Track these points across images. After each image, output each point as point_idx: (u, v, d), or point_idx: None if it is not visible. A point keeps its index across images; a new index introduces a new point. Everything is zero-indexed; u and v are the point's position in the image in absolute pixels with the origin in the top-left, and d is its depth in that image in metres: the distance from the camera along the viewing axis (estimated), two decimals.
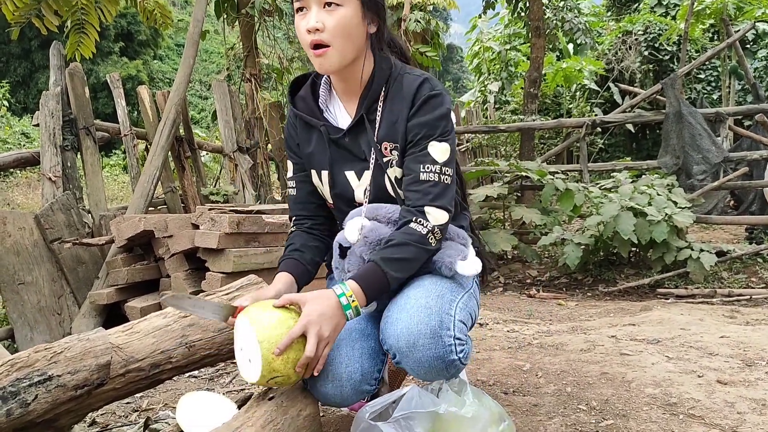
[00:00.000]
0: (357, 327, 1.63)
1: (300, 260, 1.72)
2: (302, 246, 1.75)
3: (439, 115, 1.60)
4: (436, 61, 6.80)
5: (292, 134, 1.80)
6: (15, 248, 3.63)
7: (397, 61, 1.70)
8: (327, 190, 1.74)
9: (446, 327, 1.49)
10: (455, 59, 40.76)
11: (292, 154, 1.81)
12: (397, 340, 1.49)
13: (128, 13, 21.57)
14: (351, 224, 1.62)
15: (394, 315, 1.53)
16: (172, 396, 2.49)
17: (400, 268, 1.52)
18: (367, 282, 1.49)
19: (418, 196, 1.58)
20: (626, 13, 16.69)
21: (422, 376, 1.55)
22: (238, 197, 5.09)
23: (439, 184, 1.58)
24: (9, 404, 1.22)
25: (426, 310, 1.49)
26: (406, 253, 1.53)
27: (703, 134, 6.15)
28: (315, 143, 1.74)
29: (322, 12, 1.53)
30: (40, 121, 4.07)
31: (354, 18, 1.56)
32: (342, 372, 1.54)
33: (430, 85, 1.62)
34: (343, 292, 1.46)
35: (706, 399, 2.13)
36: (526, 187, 6.68)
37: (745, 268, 5.35)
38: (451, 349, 1.49)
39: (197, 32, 4.53)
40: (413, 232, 1.54)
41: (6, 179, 12.78)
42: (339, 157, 1.70)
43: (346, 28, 1.55)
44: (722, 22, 9.45)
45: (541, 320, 3.93)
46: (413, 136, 1.61)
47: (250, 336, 1.40)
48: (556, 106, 15.14)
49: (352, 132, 1.68)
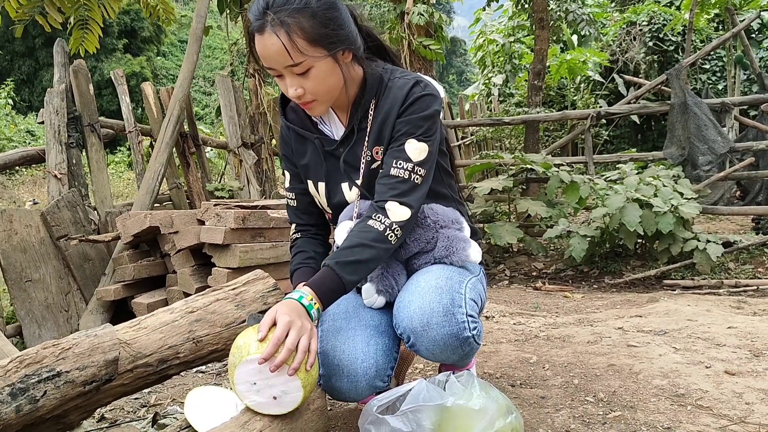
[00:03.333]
0: (372, 323, 1.63)
1: (315, 268, 1.71)
2: (314, 254, 1.77)
3: (424, 115, 1.60)
4: (440, 54, 6.77)
5: (287, 144, 1.80)
6: (22, 246, 3.64)
7: (387, 66, 1.69)
8: (324, 201, 1.75)
9: (458, 305, 1.52)
10: (459, 52, 40.67)
11: (289, 165, 1.82)
12: (411, 321, 1.51)
13: (131, 10, 21.59)
14: (340, 228, 1.65)
15: (406, 298, 1.55)
16: (179, 391, 2.50)
17: (354, 271, 1.50)
18: (321, 288, 1.47)
19: (383, 190, 1.58)
20: (630, 4, 16.60)
21: (437, 356, 1.56)
22: (243, 193, 5.09)
23: (408, 181, 1.57)
24: (18, 400, 1.22)
25: (437, 290, 1.52)
26: (362, 254, 1.51)
27: (708, 125, 6.12)
28: (310, 155, 1.74)
29: (295, 78, 1.51)
30: (45, 119, 4.08)
31: (328, 69, 1.53)
32: (357, 368, 1.55)
33: (421, 86, 1.62)
34: (301, 295, 1.44)
35: (714, 390, 2.13)
36: (531, 180, 6.66)
37: (751, 259, 5.33)
38: (465, 326, 1.51)
39: (200, 28, 4.53)
40: (370, 230, 1.53)
41: (12, 177, 12.82)
42: (334, 169, 1.71)
43: (325, 82, 1.54)
44: (727, 12, 9.38)
45: (548, 313, 3.92)
46: (395, 132, 1.61)
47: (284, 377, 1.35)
48: (561, 98, 15.09)
49: (346, 142, 1.68)
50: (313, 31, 1.46)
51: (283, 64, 1.48)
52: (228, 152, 5.46)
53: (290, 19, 1.44)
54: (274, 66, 1.50)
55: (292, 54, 1.45)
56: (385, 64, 1.70)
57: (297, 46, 1.45)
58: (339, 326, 1.61)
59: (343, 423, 1.98)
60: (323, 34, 1.48)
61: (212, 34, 6.44)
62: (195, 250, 3.46)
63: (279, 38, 1.44)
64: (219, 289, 1.64)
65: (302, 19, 1.45)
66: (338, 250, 1.54)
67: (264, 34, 1.46)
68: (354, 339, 1.57)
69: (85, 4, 5.21)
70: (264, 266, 3.27)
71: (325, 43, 1.49)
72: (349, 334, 1.59)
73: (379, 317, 1.66)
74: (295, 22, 1.44)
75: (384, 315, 1.68)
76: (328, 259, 1.51)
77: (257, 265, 3.20)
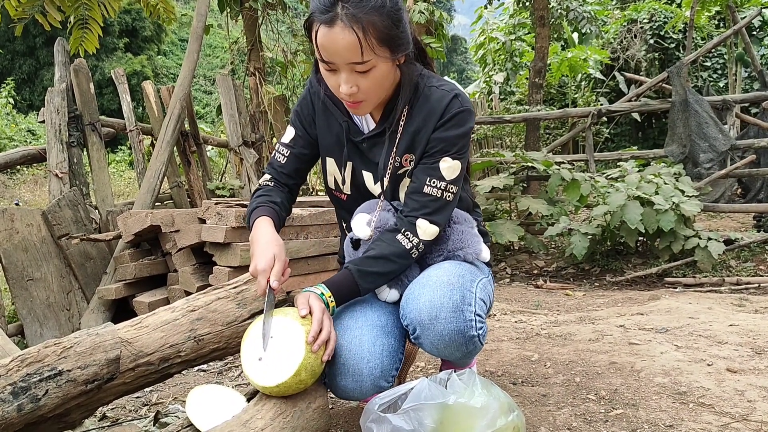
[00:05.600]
0: (378, 324, 1.64)
1: (279, 215, 1.72)
2: (281, 204, 1.75)
3: (460, 133, 1.62)
4: (441, 53, 6.76)
5: (309, 109, 1.77)
6: (23, 245, 3.64)
7: (423, 71, 1.68)
8: (347, 182, 1.75)
9: (468, 302, 1.53)
10: (459, 50, 40.64)
11: (300, 125, 1.78)
12: (419, 313, 1.52)
13: (132, 9, 21.58)
14: (357, 221, 1.67)
15: (416, 291, 1.56)
16: (181, 390, 2.50)
17: (372, 281, 1.59)
18: (340, 290, 1.57)
19: (415, 206, 1.61)
20: (631, 2, 16.57)
21: (441, 351, 1.57)
22: (244, 191, 5.09)
23: (439, 200, 1.61)
24: (20, 399, 1.22)
25: (448, 286, 1.53)
26: (384, 267, 1.58)
27: (709, 122, 6.11)
28: (334, 134, 1.73)
29: (353, 75, 1.50)
30: (46, 118, 4.08)
31: (387, 71, 1.54)
32: (363, 367, 1.55)
33: (459, 100, 1.62)
34: (322, 292, 1.54)
35: (716, 387, 2.13)
36: (532, 178, 6.66)
37: (753, 257, 5.33)
38: (472, 325, 1.53)
39: (201, 27, 4.52)
40: (397, 245, 1.59)
41: (13, 176, 12.82)
42: (356, 156, 1.72)
43: (382, 83, 1.54)
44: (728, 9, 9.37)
45: (549, 311, 3.92)
46: (431, 148, 1.62)
47: (293, 332, 1.44)
48: (562, 96, 15.07)
49: (371, 140, 1.68)
50: (384, 31, 1.45)
51: (348, 60, 1.46)
52: (229, 151, 5.46)
53: (365, 17, 1.42)
54: (336, 60, 1.48)
55: (364, 51, 1.44)
56: (422, 68, 1.69)
57: (370, 45, 1.44)
58: (345, 325, 1.61)
59: (344, 421, 1.98)
60: (393, 36, 1.48)
61: (213, 33, 6.44)
62: (196, 248, 3.46)
63: (355, 34, 1.42)
64: (220, 288, 1.64)
65: (377, 18, 1.44)
66: (363, 257, 1.59)
67: (335, 27, 1.43)
68: (360, 339, 1.58)
69: (85, 3, 5.20)
70: None
71: (392, 44, 1.49)
72: (356, 333, 1.59)
73: (385, 318, 1.67)
74: (370, 20, 1.43)
75: (390, 315, 1.68)
76: (351, 264, 1.57)
77: None
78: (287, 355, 1.42)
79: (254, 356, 1.45)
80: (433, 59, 6.86)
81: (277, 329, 1.46)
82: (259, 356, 1.44)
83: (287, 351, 1.43)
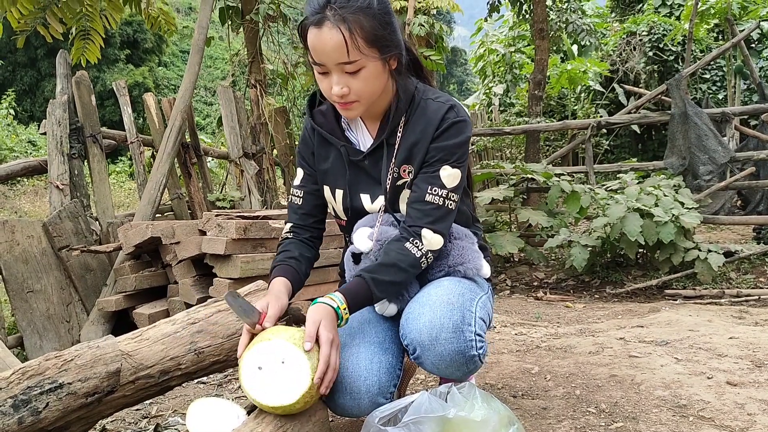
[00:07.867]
0: (376, 340, 1.64)
1: (297, 269, 1.73)
2: (300, 256, 1.77)
3: (458, 142, 1.63)
4: (441, 65, 6.79)
5: (308, 145, 1.80)
6: (23, 256, 3.65)
7: (419, 84, 1.71)
8: (340, 208, 1.76)
9: (468, 323, 1.53)
10: (459, 62, 40.77)
11: (305, 164, 1.82)
12: (420, 334, 1.52)
13: (134, 21, 21.71)
14: (358, 234, 1.67)
15: (416, 310, 1.56)
16: (181, 402, 2.50)
17: (385, 290, 1.58)
18: (355, 299, 1.55)
19: (418, 216, 1.62)
20: (630, 14, 16.66)
21: (441, 371, 1.57)
22: (245, 203, 5.09)
23: (441, 208, 1.62)
24: (20, 412, 1.22)
25: (448, 306, 1.53)
26: (397, 276, 1.58)
27: (709, 134, 6.13)
28: (332, 161, 1.75)
29: (344, 76, 1.53)
30: (47, 130, 4.09)
31: (377, 72, 1.56)
32: (360, 385, 1.55)
33: (455, 111, 1.64)
34: (338, 305, 1.51)
35: (716, 400, 2.12)
36: (531, 190, 6.67)
37: (753, 269, 5.33)
38: (472, 345, 1.53)
39: (202, 39, 4.55)
40: (408, 254, 1.59)
41: (13, 187, 12.83)
42: (356, 179, 1.72)
43: (372, 84, 1.56)
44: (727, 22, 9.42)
45: (549, 323, 3.92)
46: (430, 158, 1.64)
47: (295, 358, 1.42)
48: (561, 108, 15.11)
49: (372, 156, 1.69)
50: (372, 32, 1.49)
51: (336, 60, 1.50)
52: (229, 162, 5.47)
53: (352, 17, 1.47)
54: (326, 61, 1.51)
55: (351, 50, 1.47)
56: (417, 81, 1.72)
57: (356, 44, 1.47)
58: (343, 342, 1.61)
59: None
60: (380, 36, 1.51)
61: (214, 45, 6.47)
62: (196, 260, 3.47)
63: (341, 33, 1.46)
64: (220, 300, 1.65)
65: (363, 18, 1.48)
66: (376, 264, 1.58)
67: (323, 28, 1.47)
68: (357, 356, 1.58)
69: (86, 14, 5.23)
70: (265, 276, 3.25)
71: (380, 45, 1.52)
72: (353, 350, 1.59)
73: (383, 334, 1.66)
74: (356, 20, 1.47)
75: (388, 331, 1.68)
76: (365, 272, 1.57)
77: (258, 276, 3.20)
78: (290, 383, 1.41)
79: (254, 371, 1.44)
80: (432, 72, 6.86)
81: (282, 355, 1.43)
82: (261, 373, 1.43)
83: (290, 378, 1.41)
